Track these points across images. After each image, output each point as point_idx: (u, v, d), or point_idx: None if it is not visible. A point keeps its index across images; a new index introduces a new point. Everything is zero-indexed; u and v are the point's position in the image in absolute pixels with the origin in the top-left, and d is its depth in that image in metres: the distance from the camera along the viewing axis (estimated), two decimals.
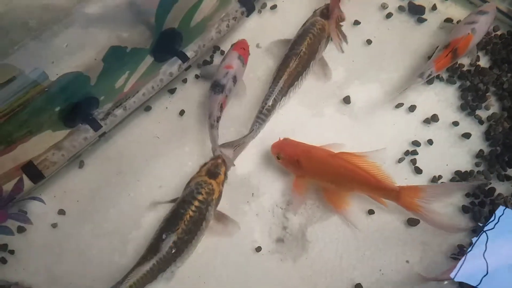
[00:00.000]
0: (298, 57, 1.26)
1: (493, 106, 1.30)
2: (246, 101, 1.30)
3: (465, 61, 1.34)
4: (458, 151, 1.26)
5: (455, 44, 1.25)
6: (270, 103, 1.22)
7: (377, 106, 1.32)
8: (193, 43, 1.23)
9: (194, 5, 1.15)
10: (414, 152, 1.25)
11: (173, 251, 1.04)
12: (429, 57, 1.36)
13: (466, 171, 1.22)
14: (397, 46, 1.39)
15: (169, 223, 1.06)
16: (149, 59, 1.17)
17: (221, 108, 1.21)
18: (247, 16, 1.32)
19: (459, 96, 1.32)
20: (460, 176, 1.22)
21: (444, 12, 1.42)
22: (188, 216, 1.06)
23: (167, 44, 1.17)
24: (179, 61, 1.21)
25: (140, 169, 1.23)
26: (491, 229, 1.05)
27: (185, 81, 1.34)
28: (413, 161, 1.24)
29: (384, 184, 1.09)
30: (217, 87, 1.21)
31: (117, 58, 1.06)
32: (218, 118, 1.20)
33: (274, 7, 1.43)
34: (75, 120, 1.09)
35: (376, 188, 1.11)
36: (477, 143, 1.26)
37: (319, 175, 1.16)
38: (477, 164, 1.23)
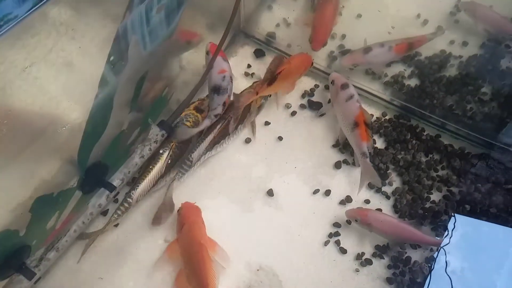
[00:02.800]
0: (226, 122, 1.47)
1: (395, 182, 1.47)
2: None
3: None
4: None
5: (361, 119, 1.40)
6: (194, 156, 1.42)
7: (297, 194, 1.45)
8: (118, 171, 1.29)
9: (116, 138, 1.23)
10: (337, 234, 1.38)
11: (169, 161, 1.37)
12: (334, 145, 1.53)
13: (384, 245, 1.36)
14: (305, 138, 1.56)
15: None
16: (77, 193, 1.21)
17: (224, 106, 1.42)
18: (168, 137, 1.42)
19: None
20: (379, 250, 1.35)
21: None
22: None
23: (93, 177, 1.21)
24: (107, 191, 1.26)
25: None
26: (447, 244, 1.08)
27: (116, 201, 1.39)
28: (337, 242, 1.36)
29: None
30: (220, 90, 1.41)
31: (44, 205, 1.09)
32: (218, 115, 1.42)
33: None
34: (7, 271, 1.09)
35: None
36: None
37: (183, 251, 1.23)
38: None
